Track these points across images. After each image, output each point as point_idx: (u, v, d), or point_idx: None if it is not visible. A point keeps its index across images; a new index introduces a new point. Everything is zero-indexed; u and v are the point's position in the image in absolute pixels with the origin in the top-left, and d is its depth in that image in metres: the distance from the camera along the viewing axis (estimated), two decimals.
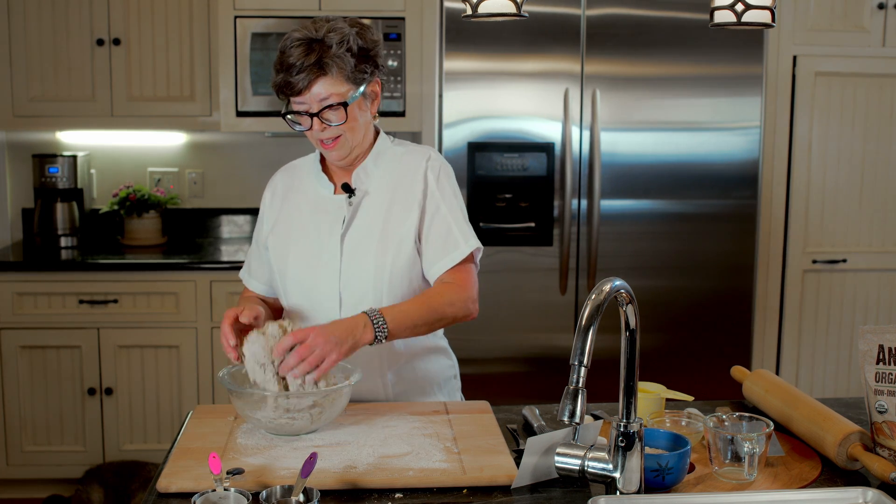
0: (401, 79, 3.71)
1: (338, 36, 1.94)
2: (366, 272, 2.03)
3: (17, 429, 3.70)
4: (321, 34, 1.94)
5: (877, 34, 3.81)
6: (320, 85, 1.93)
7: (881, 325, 2.51)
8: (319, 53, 1.92)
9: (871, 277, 3.94)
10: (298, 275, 2.08)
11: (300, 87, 1.93)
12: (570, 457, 1.58)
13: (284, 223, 2.12)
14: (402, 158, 2.10)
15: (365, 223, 2.05)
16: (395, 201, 2.06)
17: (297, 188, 2.15)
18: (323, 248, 2.06)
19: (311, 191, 2.12)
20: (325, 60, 1.92)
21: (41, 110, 3.84)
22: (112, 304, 3.66)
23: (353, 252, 2.04)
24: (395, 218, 2.05)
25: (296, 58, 1.92)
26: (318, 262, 2.06)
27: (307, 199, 2.12)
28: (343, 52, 1.94)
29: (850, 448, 1.68)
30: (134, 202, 4.02)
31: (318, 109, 1.95)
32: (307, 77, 1.92)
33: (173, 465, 1.67)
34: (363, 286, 2.03)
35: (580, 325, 1.46)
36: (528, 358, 3.73)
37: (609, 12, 3.59)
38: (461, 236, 2.04)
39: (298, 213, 2.11)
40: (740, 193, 3.72)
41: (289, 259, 2.09)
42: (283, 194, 2.16)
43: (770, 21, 1.82)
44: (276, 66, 1.96)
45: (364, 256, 2.03)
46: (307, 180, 2.14)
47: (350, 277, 2.04)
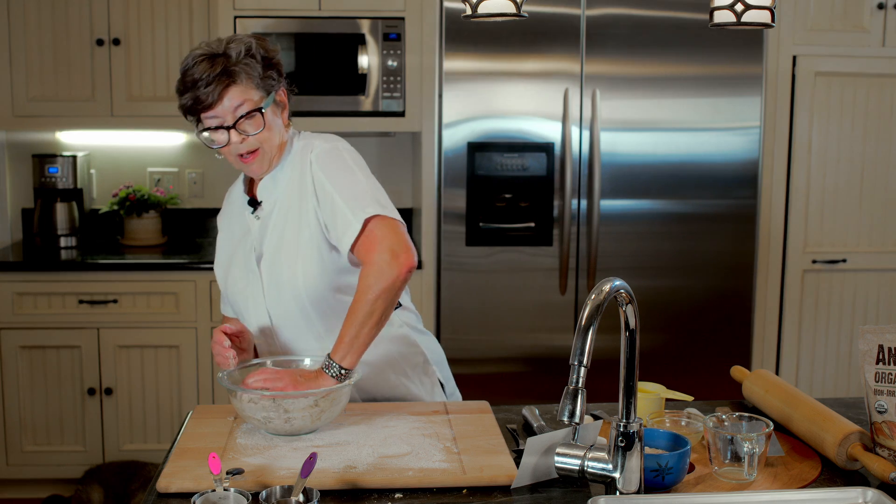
0: (401, 79, 3.71)
1: (239, 46, 1.92)
2: (283, 289, 1.99)
3: (17, 429, 3.70)
4: (221, 48, 1.92)
5: (877, 34, 3.81)
6: (231, 94, 1.90)
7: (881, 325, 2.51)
8: (224, 64, 1.90)
9: (871, 277, 3.94)
10: (237, 305, 2.08)
11: (211, 100, 1.89)
12: (569, 457, 1.58)
13: (224, 253, 2.12)
14: (296, 155, 2.02)
15: (275, 239, 2.01)
16: (295, 206, 1.99)
17: (231, 212, 2.13)
18: (249, 272, 2.04)
19: (240, 214, 2.10)
20: (233, 69, 1.90)
21: (41, 110, 3.84)
22: (112, 304, 3.66)
23: (270, 272, 2.01)
24: (296, 223, 1.98)
25: (201, 72, 1.89)
26: (246, 287, 2.05)
27: (238, 223, 2.10)
28: (248, 59, 1.92)
29: (850, 448, 1.68)
30: (134, 202, 4.01)
31: (233, 121, 1.92)
32: (216, 88, 1.89)
33: (173, 465, 1.67)
34: (285, 304, 2.00)
35: (580, 325, 1.46)
36: (528, 358, 3.73)
37: (609, 12, 3.59)
38: (350, 212, 1.90)
39: (233, 239, 2.10)
40: (740, 193, 3.72)
41: (227, 288, 2.09)
42: (226, 220, 2.15)
43: (770, 21, 1.82)
44: (180, 87, 1.92)
45: (279, 274, 1.99)
46: (238, 203, 2.11)
47: (273, 298, 2.01)
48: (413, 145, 4.07)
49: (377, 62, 3.70)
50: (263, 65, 1.95)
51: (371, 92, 3.71)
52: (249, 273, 2.04)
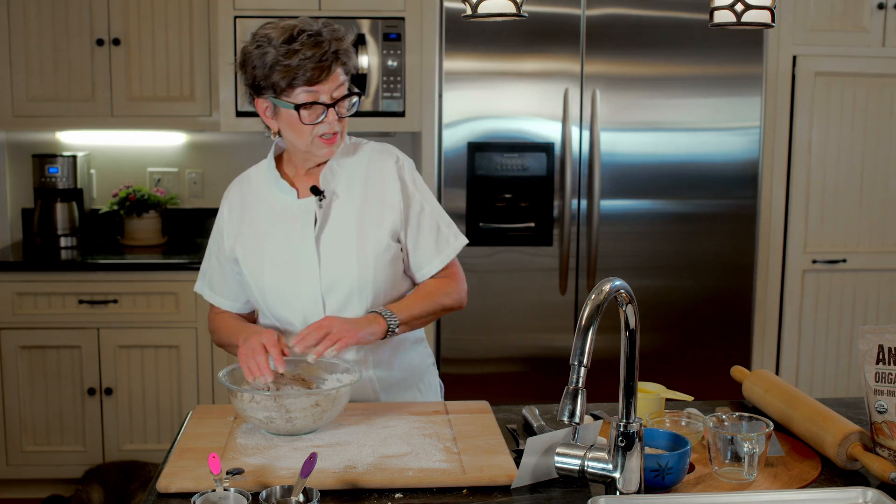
0: (401, 79, 3.71)
1: (342, 33, 1.97)
2: (348, 272, 2.00)
3: (17, 429, 3.70)
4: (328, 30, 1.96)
5: (877, 34, 3.81)
6: (338, 74, 1.94)
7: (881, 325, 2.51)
8: (336, 45, 1.93)
9: (871, 277, 3.94)
10: (277, 285, 2.04)
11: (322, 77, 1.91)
12: (569, 457, 1.58)
13: (250, 236, 2.08)
14: (368, 157, 2.08)
15: (339, 224, 2.03)
16: (368, 201, 2.04)
17: (254, 199, 2.11)
18: (298, 254, 2.02)
19: (272, 199, 2.08)
20: (343, 49, 1.94)
21: (41, 110, 3.85)
22: (112, 304, 3.66)
23: (332, 253, 2.01)
24: (370, 217, 2.03)
25: (313, 48, 1.91)
26: (296, 268, 2.03)
27: (269, 208, 2.08)
28: (350, 47, 1.97)
29: (850, 448, 1.68)
30: (134, 202, 4.02)
31: (331, 101, 1.94)
32: (328, 65, 1.91)
33: (173, 465, 1.67)
34: (347, 287, 2.01)
35: (580, 325, 1.46)
36: (528, 358, 3.73)
37: (609, 12, 3.59)
38: (451, 233, 2.11)
39: (262, 223, 2.08)
40: (740, 193, 3.72)
41: (264, 271, 2.05)
42: (242, 207, 2.12)
43: (770, 21, 1.82)
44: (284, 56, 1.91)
45: (344, 257, 2.01)
46: (264, 188, 2.10)
47: (332, 280, 2.01)
48: (413, 145, 4.07)
49: (377, 62, 3.70)
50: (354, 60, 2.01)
51: (371, 92, 3.71)
52: (300, 256, 2.02)
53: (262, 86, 1.96)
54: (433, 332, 3.72)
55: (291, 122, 1.97)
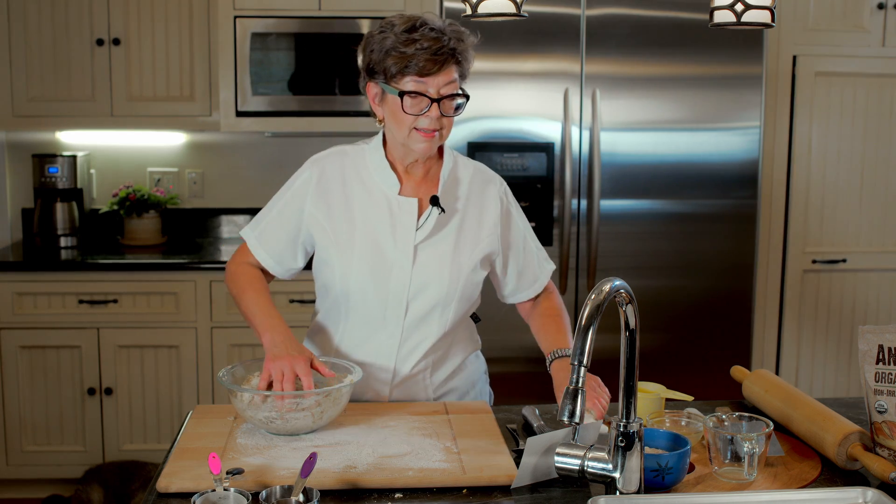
0: None
1: (464, 35, 1.97)
2: (439, 285, 2.01)
3: (17, 429, 3.70)
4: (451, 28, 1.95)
5: (877, 34, 3.81)
6: (451, 71, 1.93)
7: (881, 325, 2.51)
8: (455, 44, 1.93)
9: (871, 277, 3.94)
10: (364, 278, 2.00)
11: (433, 70, 1.90)
12: (569, 457, 1.58)
13: (342, 217, 2.03)
14: (474, 177, 2.11)
15: (439, 235, 2.03)
16: (468, 219, 2.06)
17: (353, 178, 2.05)
18: (393, 253, 2.00)
19: (371, 184, 2.04)
20: (461, 50, 1.94)
21: (41, 110, 3.84)
22: (112, 304, 3.66)
23: (427, 263, 2.01)
24: (467, 235, 2.05)
25: (431, 41, 1.90)
26: (388, 267, 2.00)
27: (366, 192, 2.03)
28: (469, 49, 1.97)
29: (850, 448, 1.68)
30: (134, 202, 4.02)
31: (437, 96, 1.92)
32: (443, 60, 1.91)
33: (173, 465, 1.67)
34: (433, 297, 2.02)
35: (580, 325, 1.46)
36: (528, 358, 3.73)
37: (609, 12, 3.59)
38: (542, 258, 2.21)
39: (356, 206, 2.03)
40: (740, 193, 3.72)
41: (353, 260, 2.01)
42: (335, 180, 2.05)
43: (770, 21, 1.82)
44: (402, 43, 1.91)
45: (438, 269, 2.01)
46: (366, 172, 2.05)
47: (420, 287, 2.01)
48: None
49: None
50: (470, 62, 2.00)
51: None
52: (397, 254, 2.00)
53: (375, 70, 1.96)
54: None
55: (395, 111, 1.95)
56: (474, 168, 2.13)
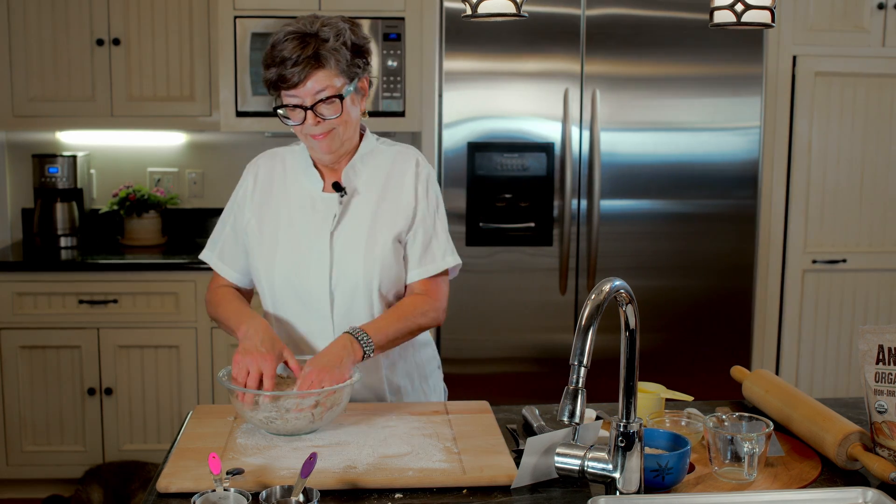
0: (401, 79, 3.71)
1: (333, 30, 1.94)
2: (356, 270, 2.02)
3: (17, 429, 3.70)
4: (315, 28, 1.93)
5: (877, 34, 3.81)
6: (316, 78, 1.91)
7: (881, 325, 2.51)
8: (316, 47, 1.91)
9: (871, 277, 3.94)
10: (287, 273, 2.05)
11: (296, 81, 1.91)
12: (569, 457, 1.58)
13: (271, 217, 2.08)
14: (391, 159, 2.10)
15: (354, 221, 2.04)
16: (384, 201, 2.06)
17: (282, 179, 2.11)
18: (312, 247, 2.04)
19: (299, 185, 2.09)
20: (322, 53, 1.91)
21: (41, 110, 3.84)
22: (112, 304, 3.66)
23: (344, 250, 2.03)
24: (383, 218, 2.05)
25: (290, 51, 1.90)
26: (308, 260, 2.04)
27: (294, 193, 2.09)
28: (339, 45, 1.93)
29: (850, 448, 1.68)
30: (134, 202, 4.02)
31: (312, 103, 1.93)
32: (304, 70, 1.90)
33: (173, 465, 1.67)
34: (354, 283, 2.02)
35: (580, 325, 1.46)
36: (528, 358, 3.73)
37: (609, 12, 3.59)
38: (439, 251, 2.09)
39: (285, 207, 2.08)
40: (740, 193, 3.72)
41: (276, 257, 2.05)
42: (268, 183, 2.12)
43: (770, 21, 1.82)
44: (268, 60, 1.94)
45: (354, 254, 2.02)
46: (293, 173, 2.11)
47: (341, 276, 2.02)
48: (413, 145, 4.06)
49: (377, 62, 3.70)
50: (352, 52, 1.97)
51: (371, 92, 3.70)
52: (314, 249, 2.03)
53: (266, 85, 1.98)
54: (433, 332, 3.72)
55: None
56: (396, 151, 2.11)
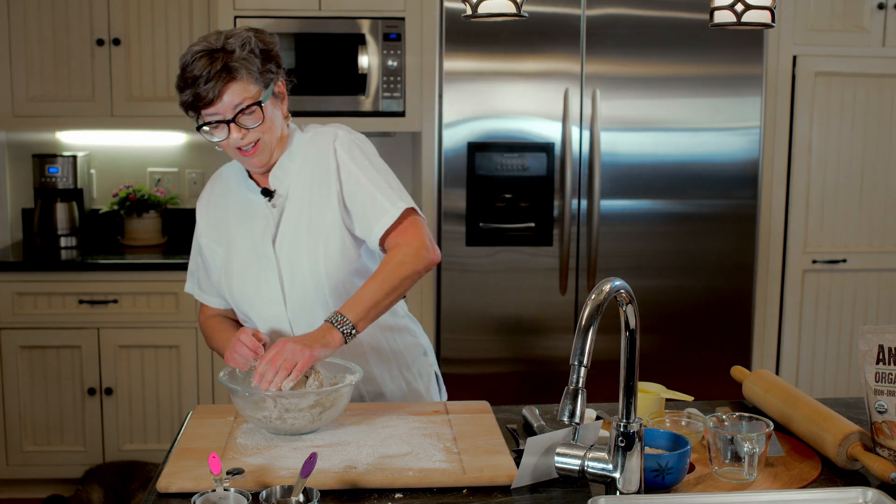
0: (401, 79, 3.71)
1: (238, 40, 1.92)
2: (302, 272, 2.00)
3: (17, 429, 3.70)
4: (221, 43, 1.91)
5: (877, 34, 3.81)
6: (232, 90, 1.90)
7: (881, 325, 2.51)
8: (224, 60, 1.89)
9: (871, 277, 3.94)
10: (243, 287, 2.06)
11: (211, 97, 1.89)
12: (570, 457, 1.58)
13: (224, 237, 2.09)
14: (311, 143, 2.05)
15: (292, 223, 2.02)
16: (315, 190, 2.02)
17: (226, 196, 2.12)
18: (260, 256, 2.03)
19: (241, 197, 2.08)
20: (232, 65, 1.89)
21: (41, 110, 3.85)
22: (112, 304, 3.66)
23: (288, 255, 2.01)
24: (318, 208, 2.01)
25: (201, 68, 1.88)
26: (259, 271, 2.04)
27: (238, 207, 2.08)
28: (247, 54, 1.91)
29: (850, 448, 1.68)
30: (134, 202, 4.02)
31: (233, 115, 1.92)
32: (217, 85, 1.88)
33: (173, 465, 1.67)
34: (304, 286, 2.01)
35: (580, 325, 1.46)
36: (528, 358, 3.73)
37: (609, 12, 3.59)
38: (387, 200, 1.98)
39: (233, 222, 2.08)
40: (740, 193, 3.72)
41: (232, 273, 2.07)
42: (215, 206, 2.13)
43: (770, 21, 1.82)
44: (180, 83, 1.91)
45: (297, 257, 2.01)
46: (235, 187, 2.11)
47: (291, 281, 2.02)
48: (413, 145, 4.07)
49: (377, 62, 3.70)
50: (262, 58, 1.95)
51: (371, 92, 3.71)
52: (262, 258, 2.03)
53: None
54: (433, 332, 3.72)
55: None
56: (313, 135, 2.06)
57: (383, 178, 2.02)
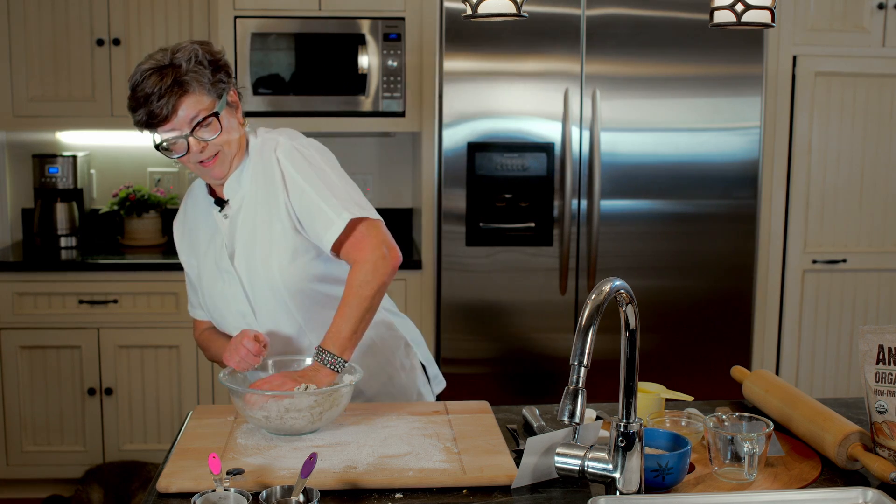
0: (401, 79, 3.71)
1: (185, 54, 1.90)
2: (261, 283, 1.99)
3: (17, 429, 3.70)
4: (168, 59, 1.90)
5: (877, 34, 3.81)
6: (185, 104, 1.89)
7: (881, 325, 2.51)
8: (174, 75, 1.88)
9: (871, 277, 3.94)
10: (213, 302, 2.07)
11: (166, 113, 1.88)
12: (570, 457, 1.58)
13: (194, 251, 2.10)
14: (258, 150, 2.03)
15: (246, 235, 2.01)
16: (262, 200, 2.00)
17: (196, 214, 2.12)
18: (222, 272, 2.03)
19: (206, 214, 2.08)
20: (183, 79, 1.88)
21: (41, 110, 3.85)
22: (112, 304, 3.66)
23: (246, 268, 2.01)
24: (267, 218, 1.99)
25: (151, 86, 1.87)
26: (224, 287, 2.04)
27: (205, 224, 2.08)
28: (195, 66, 1.90)
29: (850, 448, 1.68)
30: (134, 202, 4.02)
31: (190, 129, 1.91)
32: (170, 100, 1.87)
33: (173, 465, 1.67)
34: (265, 297, 2.00)
35: (580, 325, 1.46)
36: (528, 358, 3.73)
37: (609, 12, 3.59)
38: (332, 211, 1.93)
39: (201, 240, 2.08)
40: (740, 193, 3.72)
41: (203, 289, 2.08)
42: (188, 223, 2.13)
43: (770, 21, 1.82)
44: (132, 103, 1.91)
45: (254, 269, 2.00)
46: (201, 204, 2.10)
47: (253, 292, 2.01)
48: (413, 145, 4.07)
49: (377, 62, 3.70)
50: (212, 69, 1.93)
51: (371, 92, 3.71)
52: (224, 273, 2.03)
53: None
54: (433, 332, 3.72)
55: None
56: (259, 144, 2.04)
57: (327, 187, 1.95)
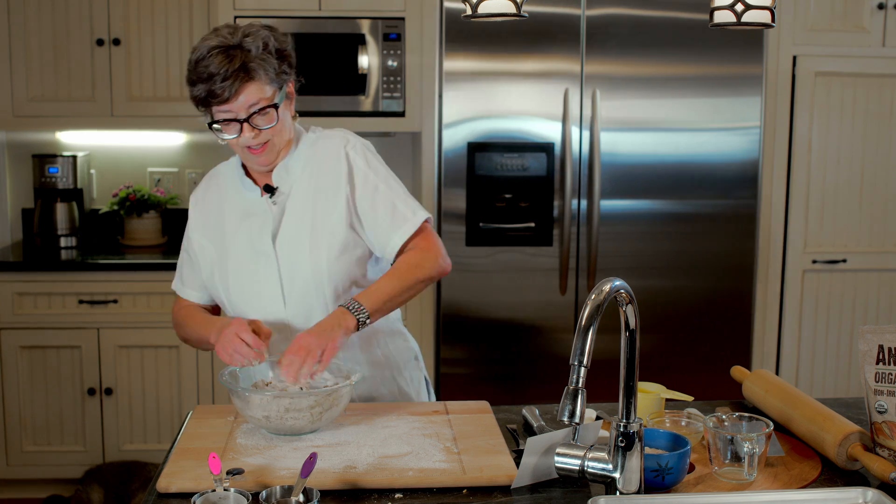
0: (401, 79, 3.71)
1: (257, 40, 1.90)
2: (304, 270, 2.00)
3: (17, 429, 3.70)
4: (237, 40, 1.89)
5: (877, 34, 3.81)
6: (248, 91, 1.89)
7: (881, 325, 2.51)
8: (242, 59, 1.88)
9: (871, 277, 3.94)
10: (240, 286, 2.05)
11: (227, 96, 1.87)
12: (569, 457, 1.58)
13: (217, 236, 2.08)
14: (317, 144, 2.05)
15: (294, 221, 2.01)
16: (320, 191, 2.02)
17: (222, 195, 2.10)
18: (259, 254, 2.02)
19: (238, 196, 2.08)
20: (251, 65, 1.88)
21: (41, 110, 3.85)
22: (112, 304, 3.66)
23: (289, 253, 2.01)
24: (322, 208, 2.01)
25: (217, 66, 1.86)
26: (257, 268, 2.03)
27: (234, 206, 2.07)
28: (266, 54, 1.90)
29: (850, 448, 1.68)
30: (134, 202, 4.02)
31: (246, 116, 1.91)
32: (234, 84, 1.87)
33: (173, 465, 1.67)
34: (305, 285, 2.00)
35: (580, 325, 1.46)
36: (528, 358, 3.73)
37: (609, 12, 3.59)
38: (408, 210, 2.02)
39: (229, 221, 2.07)
40: (740, 193, 3.72)
41: (228, 271, 2.05)
42: (209, 203, 2.12)
43: (770, 21, 1.82)
44: (193, 77, 1.89)
45: (299, 255, 2.00)
46: (231, 186, 2.09)
47: (291, 279, 2.01)
48: (413, 145, 4.07)
49: (377, 62, 3.70)
50: (278, 59, 1.94)
51: (371, 92, 3.71)
52: (260, 255, 2.02)
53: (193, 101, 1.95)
54: (433, 332, 3.72)
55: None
56: (320, 138, 2.06)
57: (401, 189, 2.04)
